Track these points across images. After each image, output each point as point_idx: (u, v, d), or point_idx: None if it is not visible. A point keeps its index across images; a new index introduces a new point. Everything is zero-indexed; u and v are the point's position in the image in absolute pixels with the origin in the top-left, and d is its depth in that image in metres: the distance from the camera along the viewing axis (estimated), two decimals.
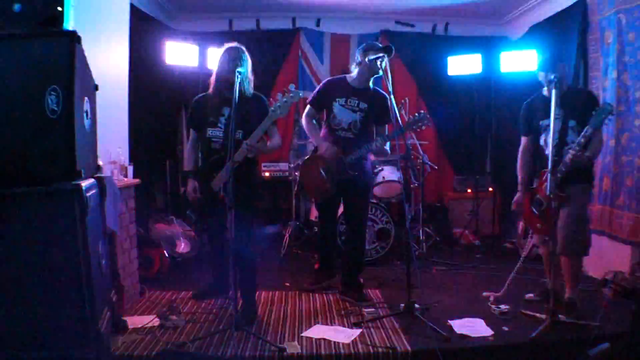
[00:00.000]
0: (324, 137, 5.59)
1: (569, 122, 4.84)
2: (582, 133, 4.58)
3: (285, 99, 4.58)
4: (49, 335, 3.13)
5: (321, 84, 5.71)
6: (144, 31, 7.26)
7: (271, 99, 4.75)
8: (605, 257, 6.27)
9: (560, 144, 4.80)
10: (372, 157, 6.48)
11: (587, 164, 4.87)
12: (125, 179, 5.34)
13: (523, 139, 5.33)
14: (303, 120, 5.65)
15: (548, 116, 4.67)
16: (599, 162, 6.32)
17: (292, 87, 4.66)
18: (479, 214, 8.37)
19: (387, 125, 5.68)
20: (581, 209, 4.90)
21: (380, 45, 5.44)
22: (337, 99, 5.46)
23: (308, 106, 5.65)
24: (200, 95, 5.09)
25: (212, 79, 4.93)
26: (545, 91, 5.05)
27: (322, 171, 5.46)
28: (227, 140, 4.57)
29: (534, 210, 5.13)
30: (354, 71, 5.49)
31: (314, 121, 5.70)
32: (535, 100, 5.21)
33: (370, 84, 5.48)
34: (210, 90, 4.95)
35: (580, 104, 4.84)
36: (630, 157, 5.97)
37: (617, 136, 6.18)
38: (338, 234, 6.48)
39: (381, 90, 5.54)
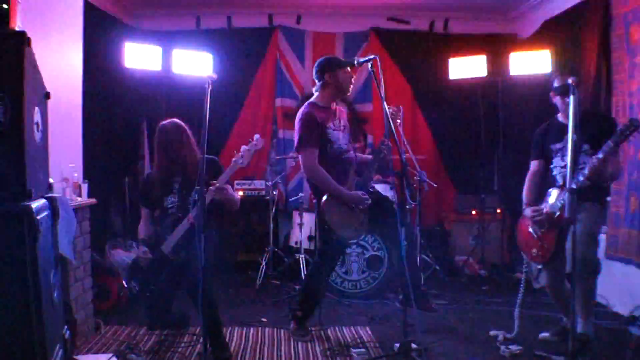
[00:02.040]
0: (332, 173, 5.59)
1: (583, 146, 5.03)
2: (602, 148, 4.71)
3: (248, 148, 5.06)
4: None
5: (304, 120, 5.56)
6: (100, 31, 7.32)
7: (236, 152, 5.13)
8: (633, 290, 6.25)
9: (572, 166, 4.83)
10: None
11: (603, 182, 5.09)
12: (79, 199, 5.42)
13: (533, 163, 5.56)
14: (314, 172, 5.51)
15: (560, 140, 5.09)
16: (624, 180, 6.33)
17: (256, 136, 5.11)
18: (485, 240, 8.42)
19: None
20: (591, 229, 5.01)
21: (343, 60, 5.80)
22: (328, 124, 5.59)
23: (309, 151, 5.49)
24: (146, 175, 5.61)
25: (157, 160, 5.41)
26: (560, 116, 5.33)
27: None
28: (182, 206, 5.23)
29: (533, 233, 5.25)
30: (316, 93, 5.74)
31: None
32: (549, 126, 5.48)
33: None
34: (157, 170, 5.42)
35: (596, 128, 5.03)
36: None
37: None
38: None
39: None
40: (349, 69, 5.62)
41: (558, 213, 4.97)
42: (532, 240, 5.26)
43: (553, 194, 5.16)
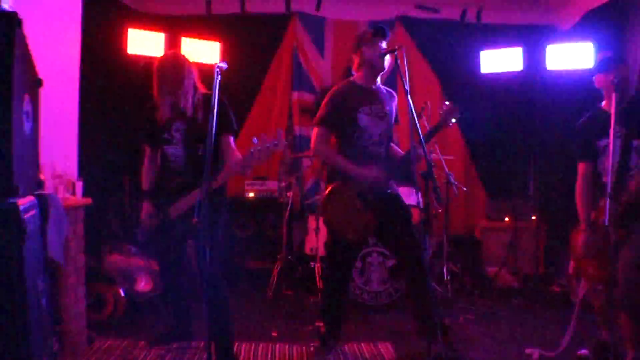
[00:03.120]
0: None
1: (633, 142, 4.70)
2: None
3: (267, 145, 4.54)
4: None
5: (330, 96, 5.40)
6: (100, 14, 7.26)
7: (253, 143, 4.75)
8: None
9: (622, 169, 4.67)
10: None
11: None
12: (73, 198, 5.37)
13: (582, 166, 5.06)
14: (319, 149, 5.38)
15: (607, 135, 4.49)
16: None
17: (280, 132, 4.64)
18: (518, 249, 8.35)
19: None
20: None
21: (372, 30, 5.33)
22: (360, 109, 5.31)
23: (320, 130, 5.37)
24: (149, 107, 5.27)
25: (155, 93, 5.16)
26: (604, 104, 4.94)
27: (358, 200, 5.22)
28: (190, 161, 5.04)
29: (587, 253, 4.98)
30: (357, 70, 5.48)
31: None
32: (593, 117, 5.03)
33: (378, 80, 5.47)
34: (151, 102, 5.23)
35: None
36: None
37: None
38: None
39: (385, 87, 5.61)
40: (380, 43, 5.22)
41: None
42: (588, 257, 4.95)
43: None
